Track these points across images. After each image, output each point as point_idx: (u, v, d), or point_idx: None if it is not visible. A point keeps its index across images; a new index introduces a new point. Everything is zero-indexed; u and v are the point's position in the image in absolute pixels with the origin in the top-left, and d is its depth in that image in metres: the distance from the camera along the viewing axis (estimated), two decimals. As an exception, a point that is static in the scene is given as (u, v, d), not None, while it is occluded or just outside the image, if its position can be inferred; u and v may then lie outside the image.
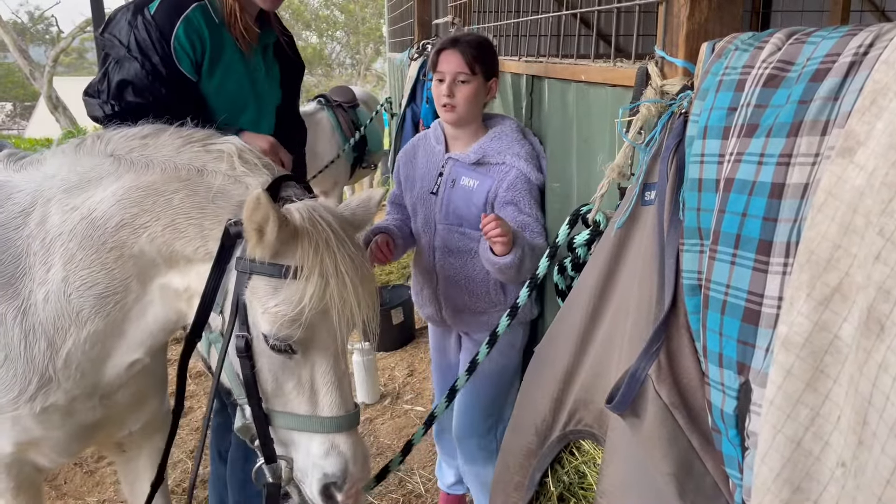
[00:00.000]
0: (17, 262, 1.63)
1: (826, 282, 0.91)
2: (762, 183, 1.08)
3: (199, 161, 1.62)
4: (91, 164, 1.64)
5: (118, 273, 1.62)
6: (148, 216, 1.58)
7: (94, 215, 1.60)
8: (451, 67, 2.27)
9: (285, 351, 1.52)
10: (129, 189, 1.59)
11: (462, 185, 2.35)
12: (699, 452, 1.26)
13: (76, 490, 3.33)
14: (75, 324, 1.64)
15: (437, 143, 2.47)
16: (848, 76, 0.99)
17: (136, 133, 1.67)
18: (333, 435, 1.56)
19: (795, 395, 0.92)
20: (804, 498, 0.92)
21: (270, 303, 1.50)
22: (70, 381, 1.69)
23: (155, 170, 1.61)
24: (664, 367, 1.31)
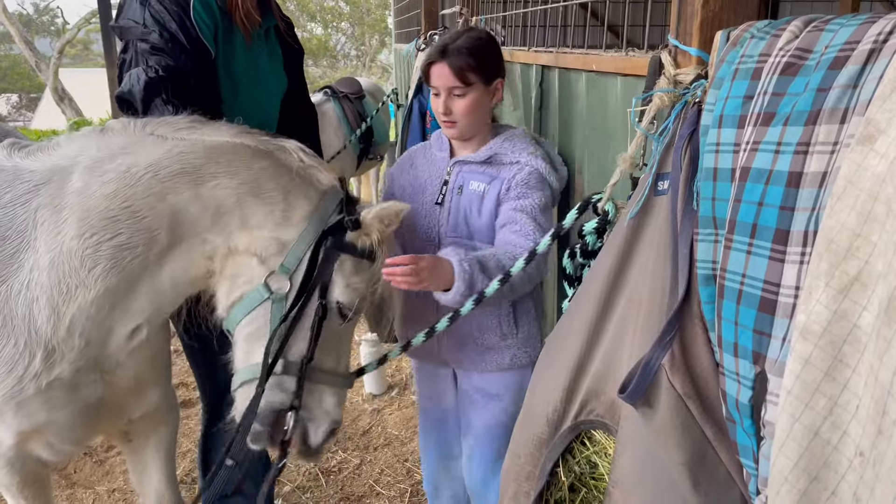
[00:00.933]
0: (21, 237, 1.65)
1: (845, 270, 0.90)
2: (779, 172, 1.07)
3: (265, 145, 1.78)
4: (126, 140, 1.69)
5: (148, 222, 1.65)
6: (217, 167, 1.69)
7: (134, 170, 1.65)
8: (443, 82, 2.05)
9: (346, 317, 1.83)
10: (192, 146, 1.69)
11: (470, 191, 2.12)
12: (712, 442, 1.26)
13: (86, 479, 3.35)
14: (83, 285, 1.65)
15: (439, 150, 2.23)
16: (868, 64, 0.98)
17: (182, 120, 1.74)
18: (343, 390, 1.90)
19: (813, 384, 0.92)
20: (822, 488, 0.91)
21: (353, 279, 1.81)
22: (74, 351, 1.69)
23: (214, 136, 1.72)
24: (678, 356, 1.30)
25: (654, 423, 1.32)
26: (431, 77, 2.08)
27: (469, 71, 2.03)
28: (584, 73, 2.09)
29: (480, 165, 2.13)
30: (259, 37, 2.28)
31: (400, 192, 2.27)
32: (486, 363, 2.16)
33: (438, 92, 2.07)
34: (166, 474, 2.21)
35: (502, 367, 2.16)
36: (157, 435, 2.15)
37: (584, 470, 1.68)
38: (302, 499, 3.18)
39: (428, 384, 2.41)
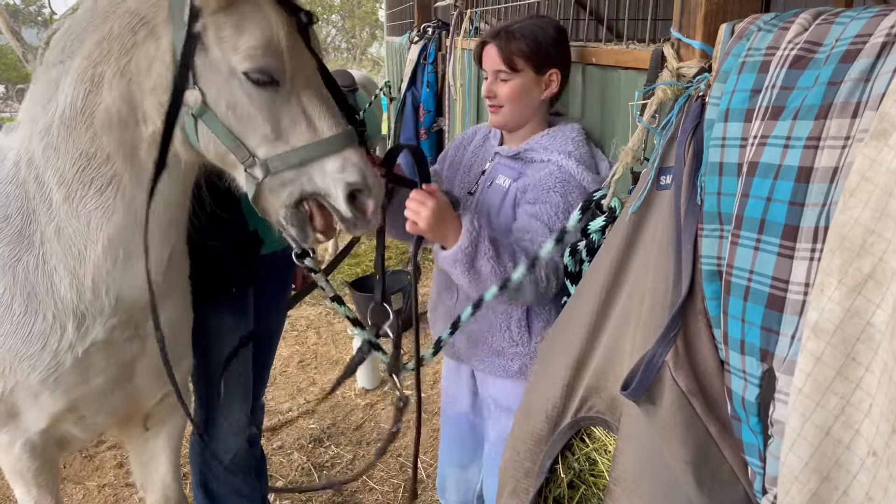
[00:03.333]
0: (21, 213, 1.66)
1: (859, 267, 0.89)
2: (788, 167, 1.06)
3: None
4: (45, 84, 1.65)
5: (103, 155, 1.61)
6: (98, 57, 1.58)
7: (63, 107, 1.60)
8: (490, 64, 2.00)
9: (269, 83, 1.56)
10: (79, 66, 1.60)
11: (497, 185, 2.04)
12: (717, 440, 1.25)
13: (76, 475, 3.31)
14: (90, 241, 1.65)
15: (493, 138, 2.16)
16: (880, 57, 0.96)
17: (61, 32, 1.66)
18: (342, 151, 1.62)
19: (825, 382, 0.90)
20: (833, 487, 0.90)
21: (240, 41, 1.54)
22: (105, 311, 1.70)
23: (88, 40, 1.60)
24: (681, 353, 1.29)
25: (658, 420, 1.30)
26: (483, 59, 2.04)
27: (518, 56, 1.95)
28: (583, 65, 2.07)
29: (511, 160, 2.04)
30: None
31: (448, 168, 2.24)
32: (496, 367, 2.08)
33: (487, 75, 2.03)
34: (173, 465, 2.21)
35: (511, 374, 2.05)
36: (171, 422, 2.15)
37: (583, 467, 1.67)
38: (294, 494, 3.16)
39: (450, 381, 2.35)
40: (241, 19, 1.55)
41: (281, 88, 1.58)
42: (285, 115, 1.60)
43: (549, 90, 1.99)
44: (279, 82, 1.58)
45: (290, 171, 1.61)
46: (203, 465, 2.49)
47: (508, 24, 2.04)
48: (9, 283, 1.66)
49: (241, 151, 1.60)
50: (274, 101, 1.58)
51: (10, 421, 1.78)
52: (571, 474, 1.67)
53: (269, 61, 1.55)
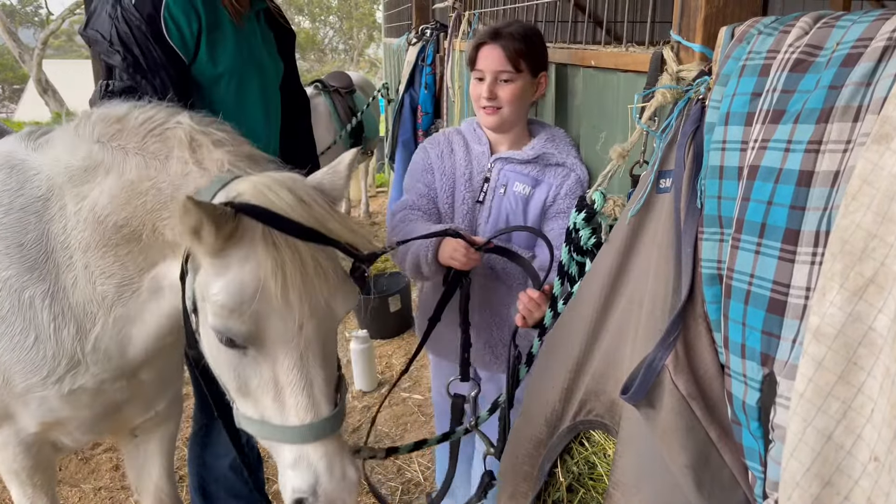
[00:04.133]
0: (39, 246, 1.62)
1: (860, 272, 0.88)
2: (789, 170, 1.05)
3: (162, 152, 1.54)
4: (85, 150, 1.61)
5: (130, 266, 1.60)
6: (137, 221, 1.54)
7: (97, 210, 1.57)
8: (492, 65, 1.98)
9: (235, 347, 1.36)
10: (116, 187, 1.56)
11: (514, 192, 2.03)
12: (717, 444, 1.24)
13: (71, 477, 3.30)
14: (103, 308, 1.63)
15: (477, 143, 2.13)
16: (882, 61, 0.96)
17: (113, 116, 1.62)
18: (303, 445, 1.37)
19: (827, 387, 0.90)
20: (834, 493, 0.90)
21: (212, 290, 1.34)
22: (98, 364, 1.69)
23: (130, 164, 1.55)
24: (681, 357, 1.29)
25: (657, 424, 1.30)
26: (479, 59, 2.01)
27: (521, 56, 1.97)
28: (582, 68, 2.07)
29: (525, 165, 2.04)
30: (250, 20, 2.24)
31: (440, 178, 2.14)
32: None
33: (483, 76, 2.00)
34: (166, 468, 2.21)
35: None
36: (163, 428, 2.15)
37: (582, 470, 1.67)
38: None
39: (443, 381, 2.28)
40: (225, 268, 1.34)
41: (251, 352, 1.37)
42: (253, 378, 1.39)
43: (538, 92, 2.08)
44: (245, 347, 1.36)
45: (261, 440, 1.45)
46: (201, 467, 2.49)
47: (500, 26, 2.04)
48: (13, 307, 1.63)
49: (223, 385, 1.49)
50: (242, 363, 1.39)
51: (6, 421, 1.79)
52: (570, 478, 1.67)
53: (233, 325, 1.33)
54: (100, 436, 1.99)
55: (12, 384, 1.68)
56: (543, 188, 2.02)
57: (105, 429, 1.97)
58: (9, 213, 1.62)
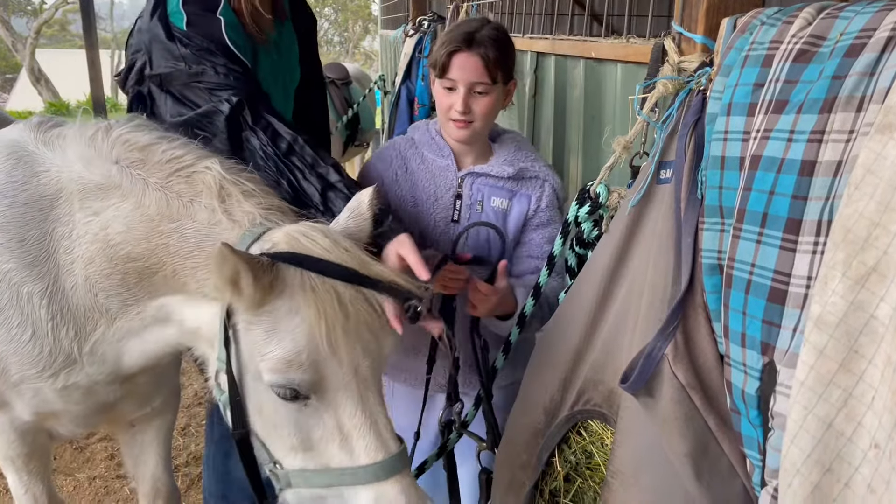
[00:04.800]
0: (41, 244, 1.60)
1: (863, 261, 0.89)
2: (791, 160, 1.06)
3: (186, 194, 1.52)
4: (102, 169, 1.58)
5: (138, 291, 1.58)
6: (156, 259, 1.52)
7: (109, 233, 1.54)
8: (467, 75, 1.80)
9: (297, 399, 1.36)
10: (134, 217, 1.53)
11: (492, 208, 1.91)
12: (715, 433, 1.25)
13: (66, 466, 3.30)
14: (105, 318, 1.61)
15: (439, 156, 1.95)
16: (885, 51, 0.97)
17: (135, 143, 1.59)
18: (378, 484, 1.37)
19: (828, 375, 0.91)
20: (835, 480, 0.90)
21: (266, 349, 1.35)
22: (94, 366, 1.67)
23: (151, 198, 1.52)
24: (681, 347, 1.29)
25: (657, 413, 1.31)
26: (452, 68, 1.81)
27: (498, 66, 1.82)
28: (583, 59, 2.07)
29: (502, 180, 1.92)
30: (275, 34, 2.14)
31: (399, 204, 1.94)
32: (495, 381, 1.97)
33: (455, 86, 1.82)
34: (163, 458, 2.22)
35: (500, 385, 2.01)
36: (159, 420, 2.15)
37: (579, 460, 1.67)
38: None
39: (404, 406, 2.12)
40: (273, 323, 1.35)
41: (312, 402, 1.37)
42: (317, 429, 1.39)
43: (508, 100, 1.94)
44: (308, 397, 1.37)
45: (314, 489, 1.42)
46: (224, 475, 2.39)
47: (471, 28, 1.85)
48: (11, 300, 1.62)
49: (263, 454, 1.46)
50: (304, 414, 1.38)
51: (1, 409, 1.79)
52: (568, 467, 1.67)
53: (295, 377, 1.33)
54: (94, 427, 1.99)
55: (8, 373, 1.68)
56: (523, 200, 1.92)
57: (99, 422, 1.98)
58: (12, 206, 1.60)
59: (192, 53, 1.80)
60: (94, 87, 8.40)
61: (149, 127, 1.65)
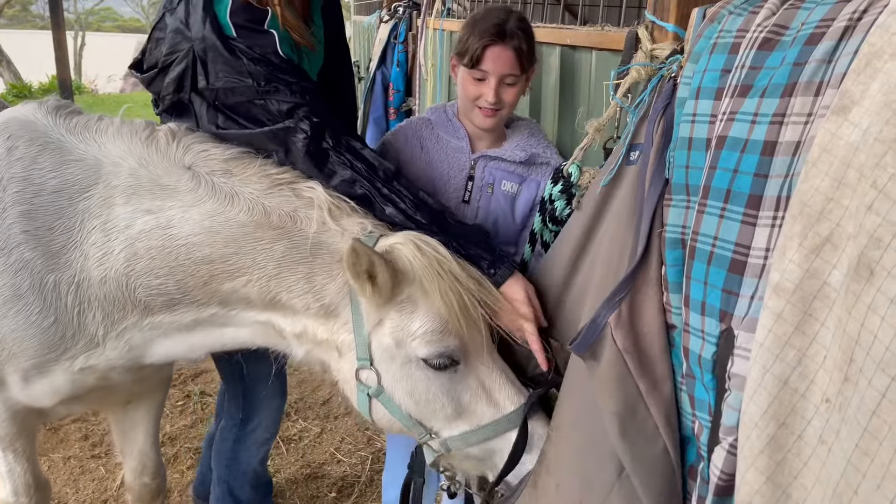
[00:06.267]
0: (68, 234, 1.60)
1: (818, 232, 0.97)
2: (755, 141, 1.13)
3: (289, 206, 1.61)
4: (165, 168, 1.59)
5: (199, 296, 1.61)
6: (246, 260, 1.57)
7: (173, 232, 1.57)
8: (501, 68, 1.86)
9: (450, 366, 1.56)
10: (218, 220, 1.56)
11: (502, 192, 1.98)
12: (645, 397, 1.34)
13: (40, 447, 3.29)
14: (141, 311, 1.64)
15: (454, 138, 2.01)
16: (842, 40, 1.04)
17: (219, 154, 1.63)
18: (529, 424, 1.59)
19: (784, 337, 0.99)
20: (789, 433, 0.98)
21: (414, 327, 1.55)
22: (116, 350, 1.70)
23: (241, 206, 1.58)
24: (624, 315, 1.38)
25: (596, 374, 1.40)
26: (485, 61, 1.85)
27: (527, 57, 1.88)
28: (559, 46, 2.13)
29: (513, 164, 1.98)
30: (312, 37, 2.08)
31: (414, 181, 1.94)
32: None
33: (486, 77, 1.87)
34: (151, 434, 2.26)
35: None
36: (152, 395, 2.20)
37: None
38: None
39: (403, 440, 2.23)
40: (412, 304, 1.56)
41: (460, 367, 1.58)
42: (465, 393, 1.59)
43: (528, 84, 1.99)
44: (459, 361, 1.57)
45: (472, 448, 1.61)
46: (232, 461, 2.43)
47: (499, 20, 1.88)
48: (34, 288, 1.62)
49: (419, 429, 1.62)
50: (454, 382, 1.58)
51: None
52: None
53: (449, 343, 1.55)
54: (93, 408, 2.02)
55: (18, 359, 1.67)
56: (532, 185, 1.99)
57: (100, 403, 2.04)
58: (40, 194, 1.59)
59: (262, 70, 1.75)
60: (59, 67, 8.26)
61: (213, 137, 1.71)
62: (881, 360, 0.83)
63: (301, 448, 3.37)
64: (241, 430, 2.37)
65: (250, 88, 1.74)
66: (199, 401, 3.72)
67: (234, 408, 2.35)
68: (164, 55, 1.83)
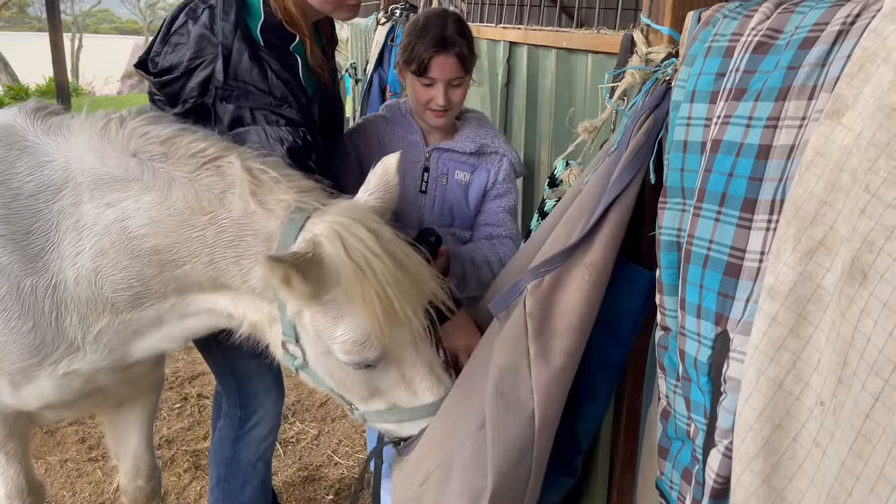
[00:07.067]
0: (46, 237, 1.60)
1: (811, 235, 0.97)
2: (749, 145, 1.14)
3: (217, 187, 1.59)
4: (116, 160, 1.59)
5: (156, 285, 1.61)
6: (185, 250, 1.57)
7: (128, 224, 1.56)
8: (447, 74, 2.03)
9: (369, 367, 1.56)
10: (160, 211, 1.56)
11: (456, 181, 2.15)
12: (531, 360, 1.39)
13: (37, 450, 3.29)
14: (110, 310, 1.64)
15: (409, 133, 2.18)
16: (836, 44, 1.05)
17: (157, 136, 1.62)
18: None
19: (779, 340, 0.99)
20: (784, 435, 0.99)
21: (336, 333, 1.51)
22: (97, 353, 1.70)
23: (177, 192, 1.57)
24: (545, 285, 1.43)
25: (501, 333, 1.45)
26: (432, 69, 2.01)
27: (467, 59, 2.04)
28: (555, 49, 2.14)
29: (464, 155, 2.14)
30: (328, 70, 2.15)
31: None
32: None
33: (433, 83, 2.03)
34: (145, 437, 2.26)
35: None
36: (145, 398, 2.19)
37: None
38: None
39: None
40: (337, 310, 1.51)
41: (381, 364, 1.58)
42: (384, 382, 1.60)
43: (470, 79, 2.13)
44: (376, 364, 1.57)
45: (385, 424, 1.66)
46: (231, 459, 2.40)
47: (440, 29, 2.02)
48: (12, 292, 1.62)
49: (341, 400, 1.67)
50: (373, 374, 1.58)
51: None
52: None
53: (369, 354, 1.53)
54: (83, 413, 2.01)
55: (2, 363, 1.67)
56: (482, 174, 2.14)
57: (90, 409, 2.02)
58: (17, 198, 1.59)
59: (281, 86, 1.80)
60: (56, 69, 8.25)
61: (164, 118, 1.67)
62: (874, 364, 0.83)
63: (298, 450, 3.37)
64: (240, 428, 2.35)
65: (264, 97, 1.78)
66: (196, 403, 3.72)
67: (230, 406, 2.34)
68: (187, 59, 1.84)
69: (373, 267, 1.45)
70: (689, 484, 1.30)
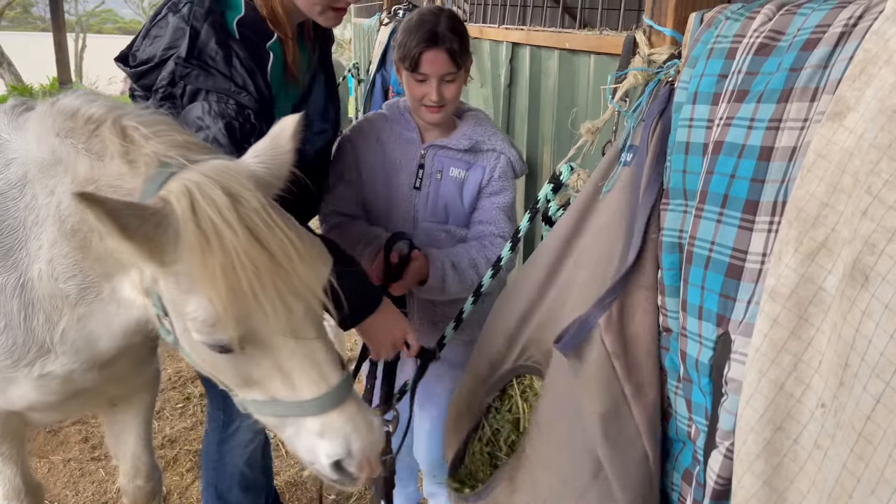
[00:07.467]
0: (14, 234, 1.57)
1: (813, 237, 0.97)
2: (751, 146, 1.14)
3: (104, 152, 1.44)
4: (48, 143, 1.53)
5: (89, 272, 1.53)
6: (86, 227, 1.46)
7: (62, 210, 1.50)
8: (438, 69, 2.02)
9: (226, 350, 1.32)
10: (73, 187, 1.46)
11: (450, 178, 2.15)
12: (629, 400, 1.36)
13: (40, 449, 3.30)
14: (67, 304, 1.59)
15: (406, 130, 2.18)
16: (838, 46, 1.05)
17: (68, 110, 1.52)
18: (324, 415, 1.37)
19: (780, 342, 0.99)
20: (785, 437, 0.99)
21: (187, 309, 1.29)
22: (67, 355, 1.66)
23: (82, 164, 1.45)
24: (614, 318, 1.39)
25: (581, 374, 1.41)
26: (423, 64, 2.02)
27: (459, 54, 2.04)
28: (557, 50, 2.14)
29: (459, 152, 2.14)
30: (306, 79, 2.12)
31: (369, 171, 2.17)
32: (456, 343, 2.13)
33: (426, 79, 2.03)
34: (143, 437, 2.24)
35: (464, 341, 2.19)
36: (140, 398, 2.16)
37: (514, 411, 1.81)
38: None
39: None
40: (191, 282, 1.27)
41: (246, 350, 1.33)
42: (255, 370, 1.37)
43: (467, 76, 2.16)
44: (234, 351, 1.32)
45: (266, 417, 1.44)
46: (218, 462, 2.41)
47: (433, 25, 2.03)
48: None
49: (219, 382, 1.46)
50: (239, 360, 1.35)
51: None
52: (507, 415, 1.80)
53: (221, 336, 1.28)
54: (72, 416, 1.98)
55: None
56: (478, 171, 2.14)
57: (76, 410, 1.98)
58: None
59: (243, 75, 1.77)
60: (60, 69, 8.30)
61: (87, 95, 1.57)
62: (876, 366, 0.83)
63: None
64: (223, 431, 2.35)
65: (225, 82, 1.76)
66: (198, 403, 3.72)
67: (214, 410, 2.35)
68: (162, 49, 1.84)
69: (221, 235, 1.25)
70: (690, 485, 1.31)
